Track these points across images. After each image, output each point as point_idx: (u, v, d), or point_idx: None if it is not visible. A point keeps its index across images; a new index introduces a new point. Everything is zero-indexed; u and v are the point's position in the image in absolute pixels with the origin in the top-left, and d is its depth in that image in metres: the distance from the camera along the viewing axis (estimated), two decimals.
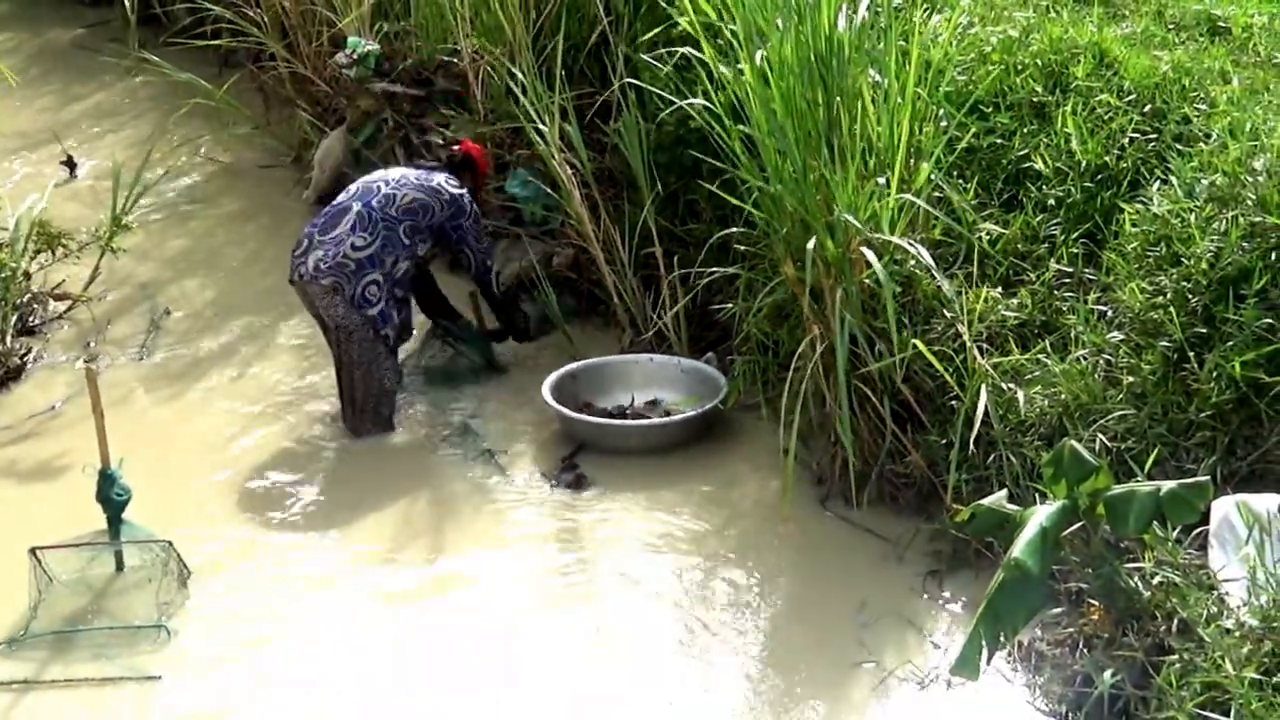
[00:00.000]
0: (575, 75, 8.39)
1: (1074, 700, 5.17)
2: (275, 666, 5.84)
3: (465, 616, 6.11)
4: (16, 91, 11.22)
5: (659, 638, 5.93)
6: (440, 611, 6.16)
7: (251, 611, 6.15)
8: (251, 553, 6.53)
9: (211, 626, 6.05)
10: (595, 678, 5.75)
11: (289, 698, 5.68)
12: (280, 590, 6.29)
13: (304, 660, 5.87)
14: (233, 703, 5.65)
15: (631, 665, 5.81)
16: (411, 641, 5.95)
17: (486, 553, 6.53)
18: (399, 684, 5.71)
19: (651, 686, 5.67)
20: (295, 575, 6.39)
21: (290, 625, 6.07)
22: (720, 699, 5.59)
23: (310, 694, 5.69)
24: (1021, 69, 7.17)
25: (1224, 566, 5.07)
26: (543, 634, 5.99)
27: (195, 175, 10.42)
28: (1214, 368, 5.60)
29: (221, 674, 5.79)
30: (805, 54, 6.34)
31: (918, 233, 6.53)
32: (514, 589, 6.29)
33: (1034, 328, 6.34)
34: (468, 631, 6.01)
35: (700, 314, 7.69)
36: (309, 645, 5.96)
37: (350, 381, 7.31)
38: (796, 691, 5.62)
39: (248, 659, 5.87)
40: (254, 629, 6.05)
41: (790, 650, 5.85)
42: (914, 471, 6.37)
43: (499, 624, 6.05)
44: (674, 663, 5.79)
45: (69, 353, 8.29)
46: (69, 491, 6.68)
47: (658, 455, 7.14)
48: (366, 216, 7.30)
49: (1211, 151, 6.26)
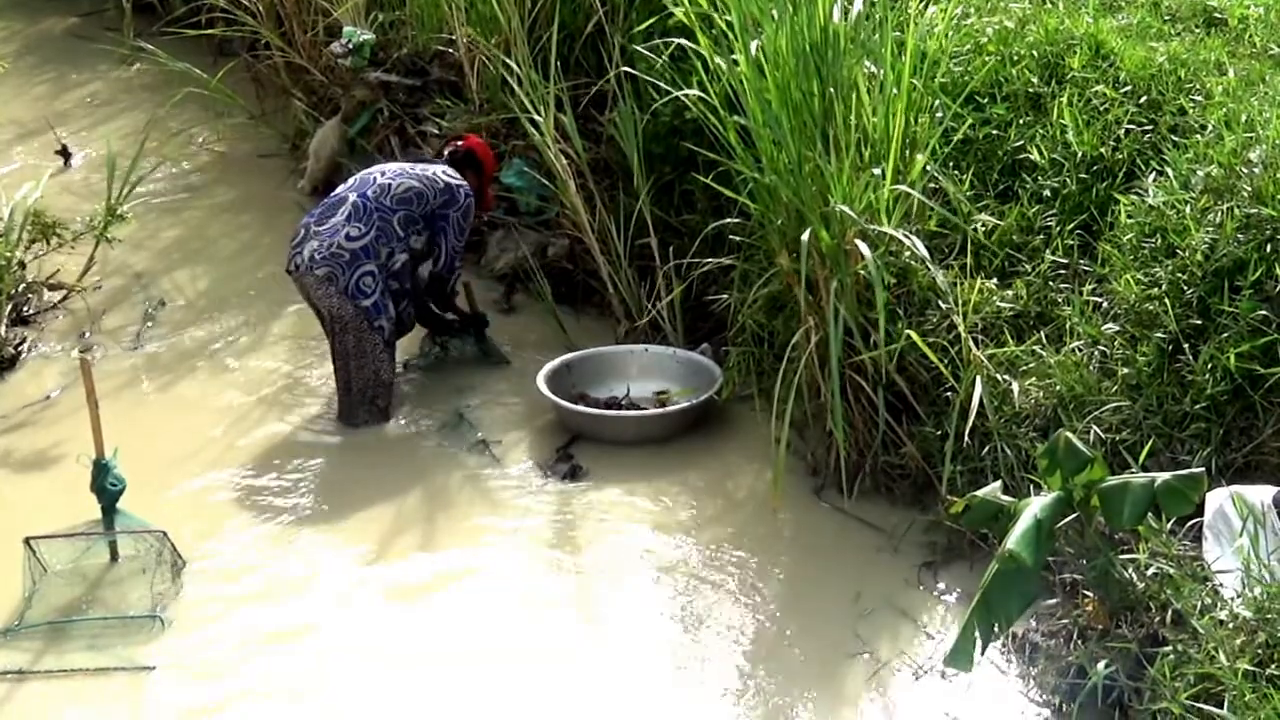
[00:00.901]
0: (571, 65, 8.38)
1: (1068, 691, 5.17)
2: (269, 657, 5.83)
3: (460, 606, 6.11)
4: (11, 80, 11.23)
5: (653, 628, 5.93)
6: (435, 602, 6.16)
7: (245, 602, 6.15)
8: (246, 543, 6.52)
9: (206, 617, 6.05)
10: (589, 668, 5.75)
11: (283, 689, 5.67)
12: (275, 580, 6.28)
13: (298, 651, 5.86)
14: (226, 694, 5.64)
15: (626, 655, 5.81)
16: (406, 631, 5.96)
17: (481, 542, 6.53)
18: (393, 674, 5.71)
19: (646, 677, 5.68)
20: (289, 565, 6.38)
21: (284, 616, 6.06)
22: (715, 689, 5.59)
23: (304, 685, 5.69)
24: (1017, 60, 7.16)
25: (1218, 558, 5.08)
26: (536, 622, 6.00)
27: (190, 165, 10.41)
28: (1209, 359, 5.61)
29: (215, 665, 5.79)
30: (800, 45, 6.34)
31: (913, 224, 6.53)
32: (508, 578, 6.29)
33: (1029, 319, 6.34)
34: (463, 621, 6.01)
35: (695, 305, 7.69)
36: (303, 636, 5.95)
37: (346, 372, 7.31)
38: (791, 682, 5.62)
39: (242, 649, 5.87)
40: (248, 619, 6.04)
41: (785, 641, 5.86)
42: (909, 463, 6.38)
43: (493, 613, 6.05)
44: (669, 653, 5.79)
45: (63, 342, 8.28)
46: (63, 481, 6.69)
47: (653, 446, 7.14)
48: (362, 207, 7.30)
49: (1207, 143, 6.26)
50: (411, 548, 6.49)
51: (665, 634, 5.90)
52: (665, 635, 5.89)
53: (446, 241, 7.51)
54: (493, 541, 6.53)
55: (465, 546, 6.51)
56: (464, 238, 7.62)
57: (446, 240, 7.51)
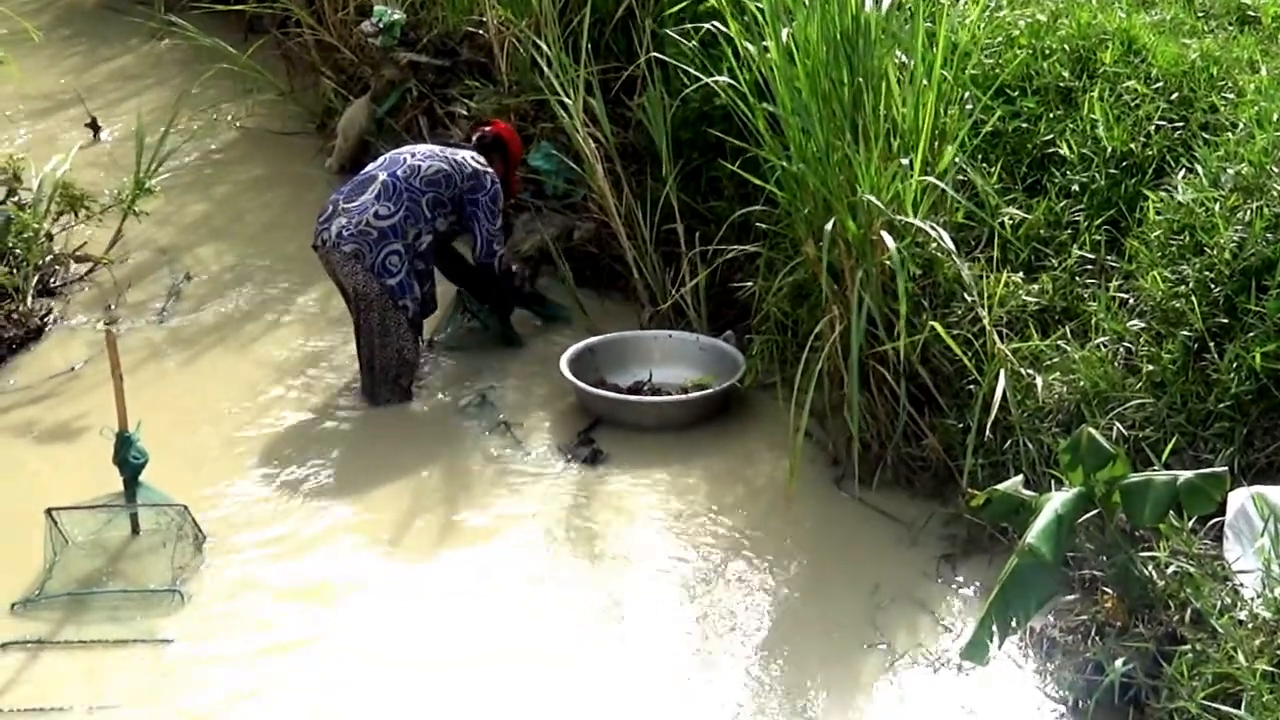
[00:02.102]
0: (601, 49, 8.37)
1: (1084, 688, 5.16)
2: (287, 633, 5.86)
3: (477, 587, 6.13)
4: (42, 52, 11.26)
5: (671, 615, 5.94)
6: (453, 580, 6.18)
7: (265, 577, 6.17)
8: (267, 518, 6.54)
9: (225, 591, 6.08)
10: (606, 653, 5.76)
11: (300, 664, 5.69)
12: (294, 556, 6.30)
13: (316, 627, 5.89)
14: (244, 668, 5.66)
15: (644, 642, 5.82)
16: (423, 610, 5.98)
17: (500, 523, 6.55)
18: (409, 651, 5.73)
19: (663, 663, 5.68)
20: (309, 541, 6.40)
21: (303, 592, 6.09)
22: (731, 676, 5.59)
23: (322, 661, 5.71)
24: (1049, 53, 7.14)
25: (1239, 558, 5.06)
26: (554, 607, 6.01)
27: (218, 141, 10.44)
28: (1234, 358, 5.59)
29: (233, 639, 5.81)
30: (831, 33, 6.32)
31: (940, 215, 6.51)
32: (526, 561, 6.30)
33: (1054, 314, 6.32)
34: (479, 601, 6.03)
35: (720, 291, 7.67)
36: (321, 612, 5.97)
37: (370, 350, 7.32)
38: (807, 671, 5.62)
39: (260, 625, 5.89)
40: (267, 595, 6.07)
41: (801, 630, 5.86)
42: (930, 455, 6.37)
43: (510, 595, 6.07)
44: (686, 640, 5.80)
45: (89, 315, 8.31)
46: (86, 453, 6.72)
47: (674, 432, 7.14)
48: (391, 187, 7.31)
49: (1238, 141, 6.24)
50: (432, 528, 6.50)
51: (680, 621, 5.90)
52: (680, 622, 5.89)
53: (480, 227, 7.51)
54: (511, 524, 6.54)
55: (484, 525, 6.53)
56: (497, 221, 7.59)
57: (479, 225, 7.50)
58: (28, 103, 10.99)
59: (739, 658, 5.69)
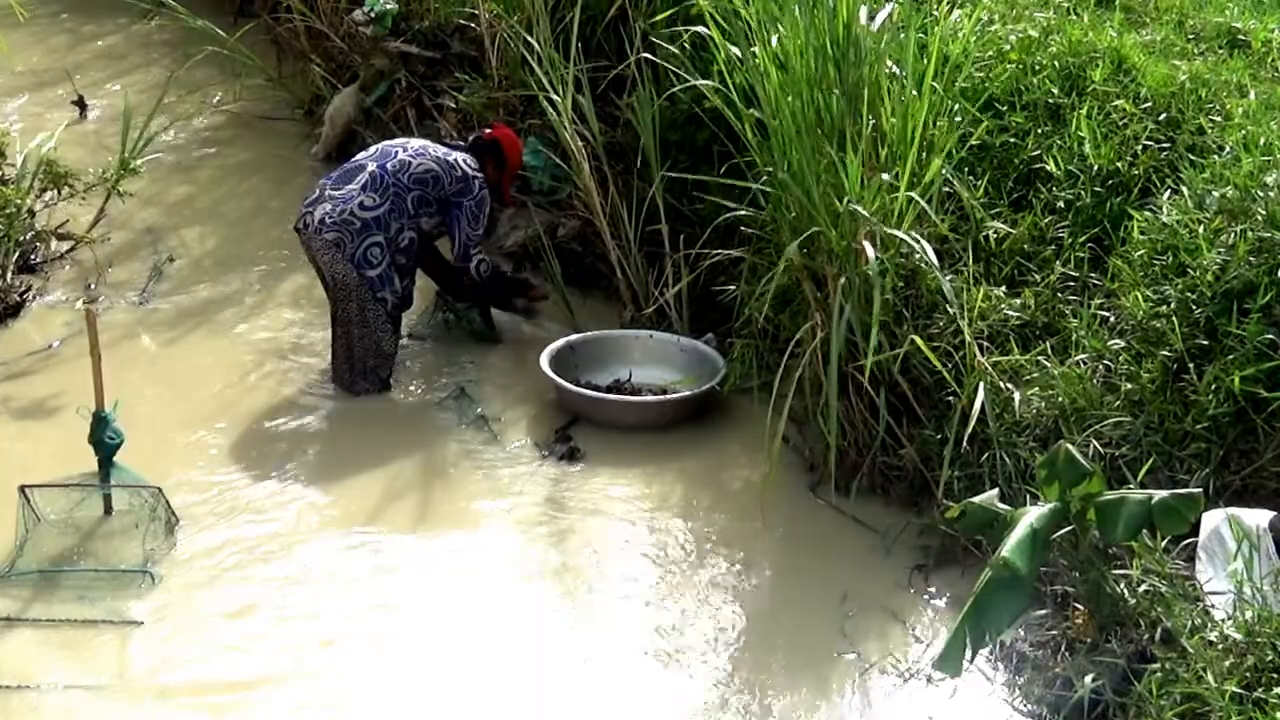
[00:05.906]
0: (592, 47, 8.34)
1: (1053, 703, 5.18)
2: (257, 618, 5.85)
3: (448, 579, 6.13)
4: (29, 29, 11.18)
5: (639, 617, 5.93)
6: (424, 572, 6.18)
7: (237, 563, 6.16)
8: (240, 504, 6.53)
9: (196, 575, 6.06)
10: (572, 653, 5.75)
11: (268, 650, 5.68)
12: (266, 543, 6.29)
13: (285, 615, 5.88)
14: (212, 652, 5.66)
15: (610, 645, 5.81)
16: (393, 603, 5.97)
17: (473, 517, 6.55)
18: (379, 642, 5.72)
19: (629, 667, 5.68)
20: (282, 528, 6.39)
21: (275, 578, 6.08)
22: (698, 681, 5.59)
23: (289, 650, 5.70)
24: (1039, 69, 7.16)
25: (1210, 579, 5.09)
26: (523, 603, 6.00)
27: (205, 123, 10.38)
28: (1213, 380, 5.61)
29: (203, 623, 5.80)
30: (821, 42, 6.32)
31: (925, 227, 6.52)
32: (498, 556, 6.30)
33: (1035, 329, 6.34)
34: (450, 594, 6.03)
35: (702, 294, 7.66)
36: (292, 600, 5.96)
37: (347, 340, 7.31)
38: (775, 679, 5.63)
39: (230, 609, 5.88)
40: (238, 580, 6.06)
41: (771, 637, 5.86)
42: (907, 465, 6.38)
43: (481, 589, 6.07)
44: (653, 643, 5.78)
45: (69, 293, 8.28)
46: (61, 431, 6.70)
47: (652, 432, 7.14)
48: (379, 179, 7.30)
49: (1224, 164, 6.26)
50: (405, 516, 6.50)
51: (650, 623, 5.89)
52: (650, 624, 5.89)
53: (459, 230, 7.49)
54: (485, 519, 6.54)
55: (457, 518, 6.53)
56: (479, 228, 7.56)
57: (459, 229, 7.48)
58: (14, 79, 10.92)
59: (707, 662, 5.69)
